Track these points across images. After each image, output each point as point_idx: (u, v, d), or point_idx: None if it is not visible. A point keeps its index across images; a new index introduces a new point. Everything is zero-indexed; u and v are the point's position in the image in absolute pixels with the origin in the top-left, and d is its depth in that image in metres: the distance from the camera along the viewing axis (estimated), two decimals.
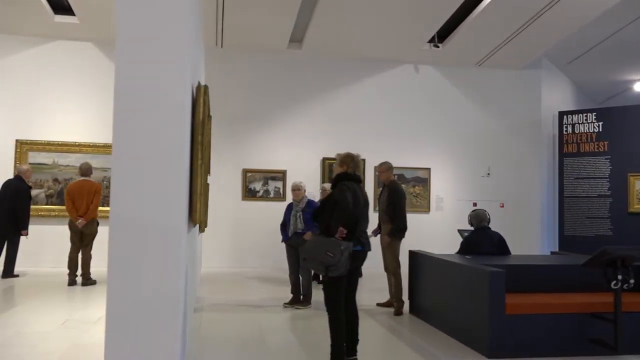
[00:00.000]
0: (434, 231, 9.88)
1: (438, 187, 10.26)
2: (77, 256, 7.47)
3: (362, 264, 4.30)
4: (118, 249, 2.96)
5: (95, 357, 4.20)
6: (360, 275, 7.29)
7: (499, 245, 5.83)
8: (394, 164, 9.91)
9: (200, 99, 3.74)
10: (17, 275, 7.83)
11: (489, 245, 5.78)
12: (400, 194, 6.14)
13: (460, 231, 6.71)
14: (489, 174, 10.37)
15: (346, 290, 4.03)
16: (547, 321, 4.41)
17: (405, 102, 10.19)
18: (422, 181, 10.15)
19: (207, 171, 5.37)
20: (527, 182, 10.51)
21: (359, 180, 4.27)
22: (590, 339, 4.43)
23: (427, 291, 5.68)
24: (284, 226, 6.40)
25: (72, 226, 7.48)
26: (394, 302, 5.98)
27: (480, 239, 5.81)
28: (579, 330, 4.47)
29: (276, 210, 9.60)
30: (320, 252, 3.80)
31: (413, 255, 6.06)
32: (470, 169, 10.38)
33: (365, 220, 4.19)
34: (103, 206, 8.99)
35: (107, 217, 8.46)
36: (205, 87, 4.05)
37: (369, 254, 4.24)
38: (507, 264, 4.96)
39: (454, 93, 10.41)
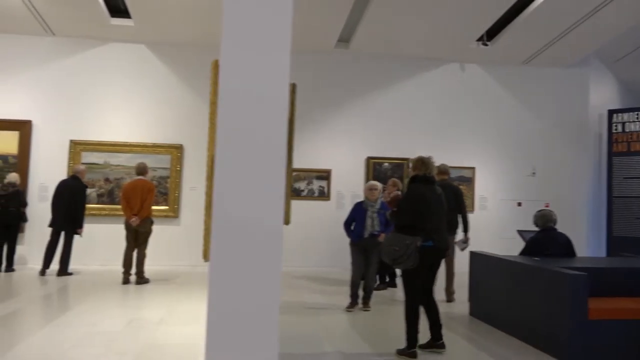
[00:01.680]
0: (478, 231, 9.73)
1: (482, 186, 10.13)
2: (132, 255, 7.56)
3: (438, 260, 4.57)
4: (220, 250, 2.97)
5: (170, 357, 4.25)
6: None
7: (566, 247, 5.72)
8: (438, 163, 9.96)
9: (290, 99, 3.73)
10: (71, 274, 7.97)
11: (556, 247, 5.66)
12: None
13: (520, 232, 6.59)
14: (534, 173, 10.21)
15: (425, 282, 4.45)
16: (633, 327, 4.29)
17: (450, 100, 10.08)
18: (467, 180, 10.04)
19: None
20: (573, 182, 10.30)
21: (432, 182, 4.57)
22: None
23: (493, 294, 5.60)
24: (349, 225, 6.19)
25: (127, 225, 7.58)
26: None
27: (547, 240, 5.70)
28: None
29: (320, 210, 9.64)
30: (389, 247, 4.28)
31: (475, 256, 5.98)
32: (515, 168, 10.22)
33: (438, 218, 4.47)
34: (157, 205, 9.21)
35: (162, 216, 8.65)
36: (294, 85, 4.05)
37: None
38: (586, 266, 4.83)
39: (499, 91, 10.26)
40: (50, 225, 7.96)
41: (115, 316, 5.52)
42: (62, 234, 7.99)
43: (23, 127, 9.02)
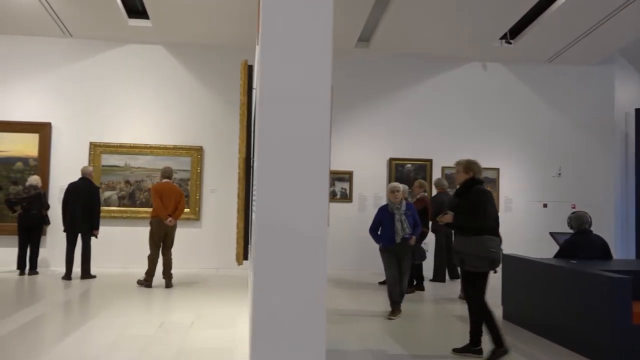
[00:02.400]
0: (503, 233, 9.57)
1: (507, 187, 9.97)
2: (158, 259, 7.48)
3: None
4: (263, 256, 2.89)
5: None
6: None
7: (602, 250, 5.58)
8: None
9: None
10: (94, 276, 7.93)
11: (592, 249, 5.53)
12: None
13: (553, 234, 6.45)
14: (559, 174, 10.03)
15: None
16: None
17: (472, 100, 9.95)
18: (491, 181, 9.88)
19: None
20: (599, 182, 10.11)
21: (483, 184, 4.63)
22: None
23: (528, 297, 5.46)
24: (376, 231, 5.98)
25: (158, 227, 7.41)
26: None
27: (582, 242, 5.57)
28: None
29: (342, 212, 9.53)
30: (482, 249, 4.24)
31: (507, 258, 5.85)
32: (540, 168, 10.06)
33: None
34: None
35: (183, 218, 8.49)
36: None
37: None
38: (627, 269, 4.70)
39: (522, 91, 10.10)
40: (67, 230, 7.84)
41: (145, 320, 5.46)
42: (79, 236, 7.89)
43: (43, 129, 9.02)
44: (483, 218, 4.30)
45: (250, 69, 4.63)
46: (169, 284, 7.36)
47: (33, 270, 8.09)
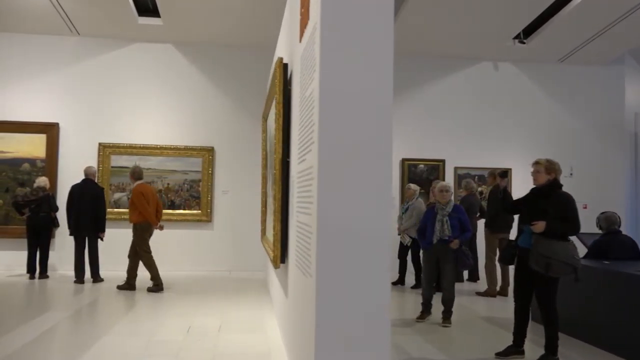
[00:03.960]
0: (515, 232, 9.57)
1: (518, 187, 9.88)
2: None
3: None
4: (326, 257, 2.78)
5: None
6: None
7: (632, 250, 5.53)
8: (474, 164, 9.81)
9: None
10: (102, 280, 7.75)
11: (621, 250, 5.48)
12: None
13: (579, 235, 6.37)
14: (571, 174, 10.01)
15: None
16: None
17: (484, 100, 9.91)
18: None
19: None
20: (610, 182, 10.12)
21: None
22: None
23: (565, 300, 5.36)
24: (422, 232, 5.81)
25: (147, 231, 7.18)
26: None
27: (612, 243, 5.52)
28: None
29: None
30: (569, 256, 4.13)
31: None
32: None
33: None
34: (190, 209, 9.07)
35: (195, 220, 8.35)
36: None
37: None
38: None
39: (534, 90, 10.09)
40: (73, 233, 7.62)
41: (171, 324, 5.32)
42: (86, 239, 7.70)
43: (50, 130, 8.83)
44: (577, 225, 4.22)
45: (285, 67, 4.51)
46: (131, 287, 7.13)
47: (43, 274, 7.90)
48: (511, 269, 5.63)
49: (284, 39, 5.20)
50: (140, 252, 7.11)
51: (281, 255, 4.39)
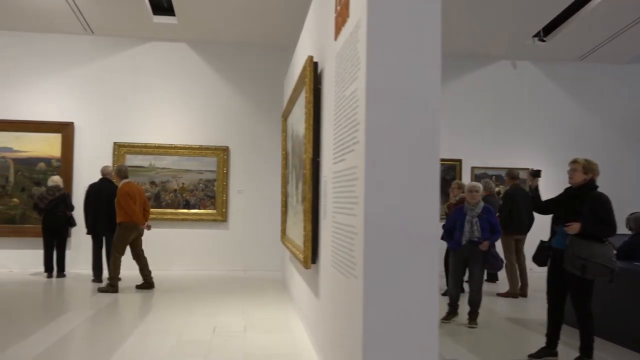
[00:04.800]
0: (533, 233, 9.50)
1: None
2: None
3: None
4: (374, 259, 2.73)
5: None
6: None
7: None
8: (492, 164, 9.74)
9: None
10: (119, 279, 7.69)
11: None
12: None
13: None
14: None
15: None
16: None
17: (502, 99, 9.84)
18: (522, 182, 9.76)
19: None
20: (633, 183, 10.00)
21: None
22: None
23: (601, 303, 5.29)
24: (449, 232, 5.73)
25: (130, 232, 7.02)
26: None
27: None
28: None
29: None
30: (607, 259, 4.05)
31: None
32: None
33: None
34: (205, 209, 9.04)
35: (210, 220, 8.27)
36: None
37: None
38: None
39: (553, 89, 10.01)
40: (90, 232, 7.58)
41: (196, 323, 5.28)
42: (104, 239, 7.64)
43: (65, 129, 8.80)
44: (614, 226, 4.13)
45: (315, 65, 4.46)
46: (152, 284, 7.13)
47: (61, 273, 7.88)
48: (530, 268, 5.60)
49: (310, 38, 5.14)
50: (113, 250, 6.99)
51: (312, 255, 4.33)
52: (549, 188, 9.79)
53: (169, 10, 8.54)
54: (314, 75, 4.43)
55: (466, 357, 4.52)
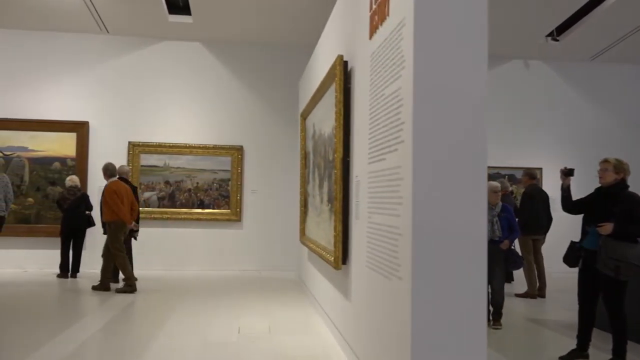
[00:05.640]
0: (551, 234, 9.47)
1: (550, 187, 9.78)
2: None
3: None
4: (422, 261, 2.71)
5: None
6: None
7: None
8: (504, 164, 9.70)
9: None
10: (136, 279, 7.67)
11: None
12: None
13: None
14: None
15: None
16: None
17: (514, 98, 9.80)
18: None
19: None
20: None
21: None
22: None
23: (630, 304, 5.24)
24: None
25: (121, 230, 6.92)
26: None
27: None
28: None
29: None
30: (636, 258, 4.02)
31: None
32: (583, 169, 9.85)
33: None
34: (219, 208, 9.00)
35: (224, 219, 8.19)
36: None
37: None
38: None
39: (566, 89, 9.99)
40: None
41: (218, 324, 5.27)
42: None
43: (80, 129, 8.79)
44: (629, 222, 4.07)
45: (345, 64, 4.43)
46: (124, 289, 6.93)
47: (75, 273, 7.86)
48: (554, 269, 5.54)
49: (337, 37, 5.11)
50: (113, 252, 6.88)
51: (342, 256, 4.31)
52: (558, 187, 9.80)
53: (184, 9, 8.51)
54: (344, 74, 4.41)
55: (497, 359, 4.49)
